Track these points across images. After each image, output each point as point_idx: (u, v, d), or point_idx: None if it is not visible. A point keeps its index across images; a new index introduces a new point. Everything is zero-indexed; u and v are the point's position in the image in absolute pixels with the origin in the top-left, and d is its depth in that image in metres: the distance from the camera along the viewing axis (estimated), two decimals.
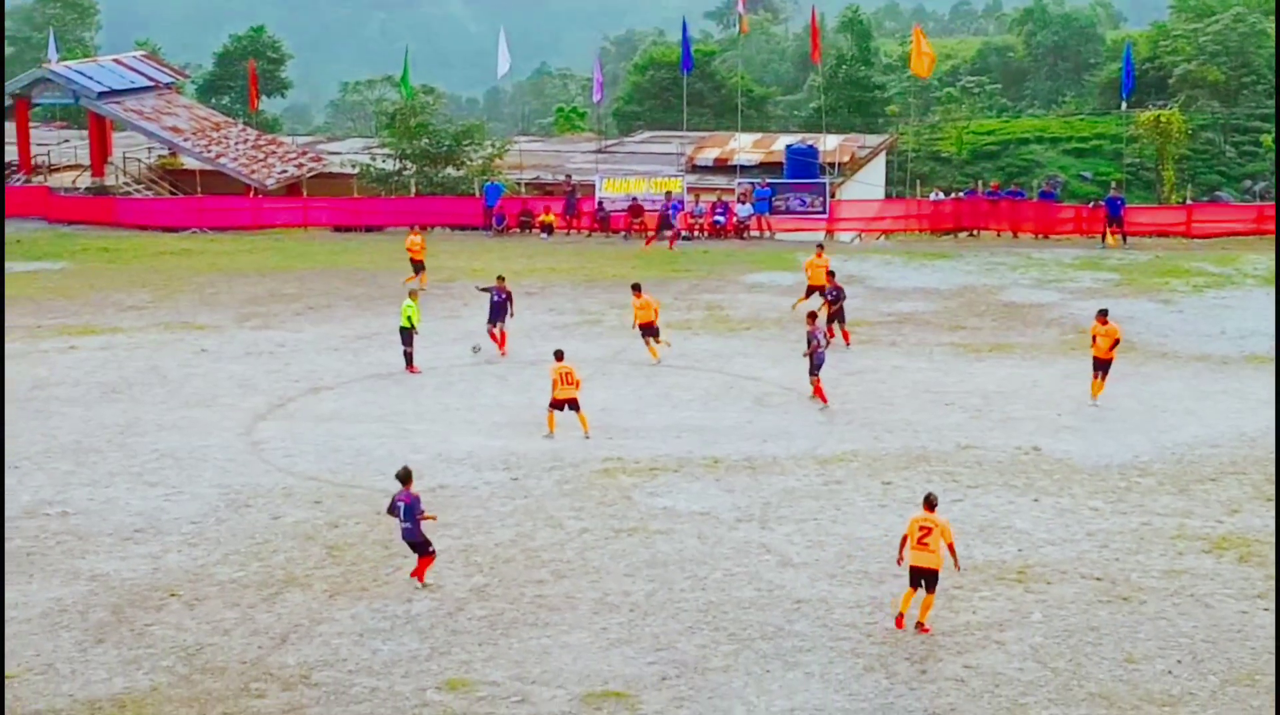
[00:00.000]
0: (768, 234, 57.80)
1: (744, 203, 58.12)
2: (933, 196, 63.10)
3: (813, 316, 32.56)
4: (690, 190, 59.84)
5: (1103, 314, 32.34)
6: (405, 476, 21.58)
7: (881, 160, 72.48)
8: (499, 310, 36.96)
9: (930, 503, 20.35)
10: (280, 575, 21.88)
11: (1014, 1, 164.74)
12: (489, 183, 61.25)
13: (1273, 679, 17.97)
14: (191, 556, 22.82)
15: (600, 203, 59.07)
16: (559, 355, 29.83)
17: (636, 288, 36.74)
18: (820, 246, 42.21)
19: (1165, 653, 18.80)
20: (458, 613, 20.31)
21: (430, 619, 20.12)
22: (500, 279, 37.74)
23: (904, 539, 20.27)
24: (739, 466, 27.03)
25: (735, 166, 62.97)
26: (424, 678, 18.58)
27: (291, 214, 60.84)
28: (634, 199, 58.25)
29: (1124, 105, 71.97)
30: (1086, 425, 29.69)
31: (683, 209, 57.67)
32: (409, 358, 35.11)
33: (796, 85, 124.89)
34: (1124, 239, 53.68)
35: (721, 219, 57.62)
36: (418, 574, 21.52)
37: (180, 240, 54.76)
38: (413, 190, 62.76)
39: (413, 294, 36.28)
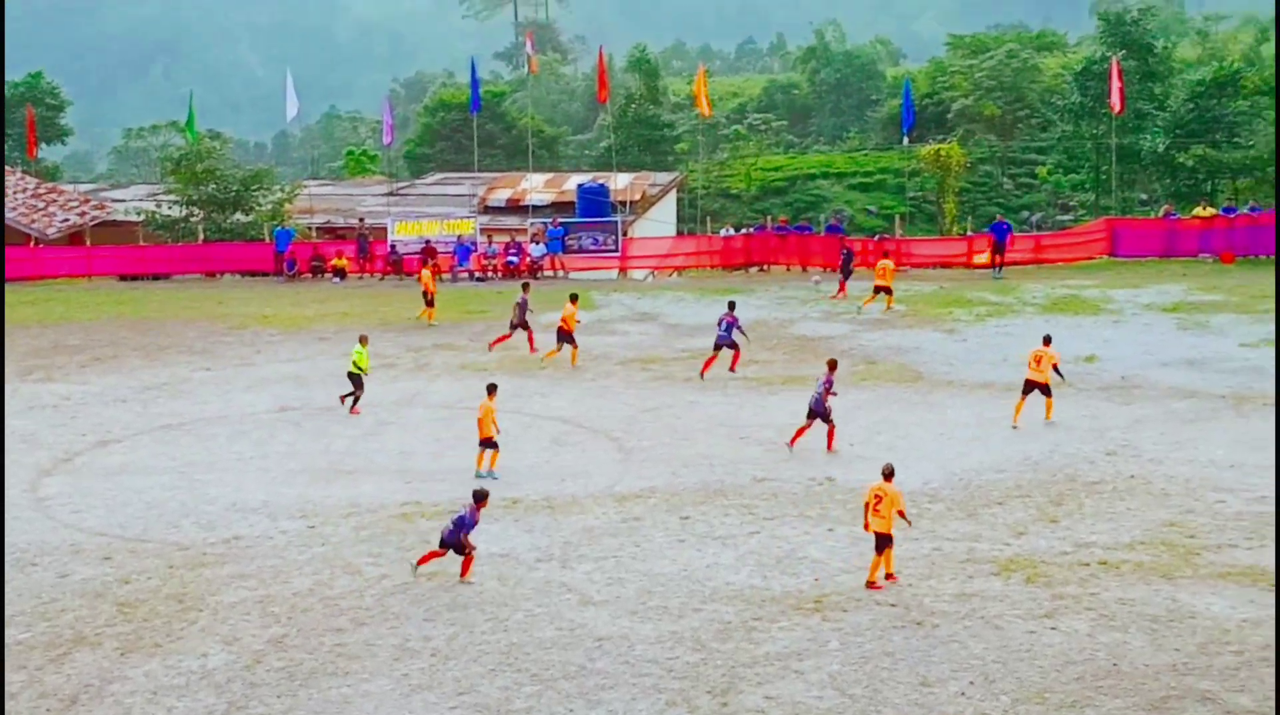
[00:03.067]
0: (561, 273, 58.08)
1: (537, 242, 58.38)
2: (723, 232, 64.00)
3: (833, 364, 31.94)
4: (483, 231, 59.92)
5: (1047, 340, 33.77)
6: (481, 496, 23.20)
7: (672, 197, 73.28)
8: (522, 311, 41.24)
9: (886, 473, 22.67)
10: (69, 635, 21.29)
11: (797, 40, 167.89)
12: (279, 228, 60.66)
13: (1062, 696, 18.48)
14: None
15: (393, 246, 58.83)
16: (491, 391, 29.56)
17: (574, 297, 40.37)
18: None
19: (958, 675, 19.20)
20: (255, 665, 19.97)
21: (226, 673, 19.75)
22: (526, 287, 43.08)
23: (865, 506, 22.68)
24: (538, 506, 27.03)
25: (527, 206, 63.25)
26: None
27: (74, 263, 59.60)
28: (427, 241, 58.09)
29: (905, 140, 73.75)
30: (878, 455, 30.17)
31: (475, 250, 57.70)
32: (355, 400, 34.78)
33: (587, 125, 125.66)
34: (1000, 268, 54.79)
35: (515, 259, 57.75)
36: (464, 572, 22.88)
37: None
38: (200, 237, 61.85)
39: (362, 339, 35.66)
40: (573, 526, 25.78)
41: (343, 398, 35.11)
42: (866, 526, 22.71)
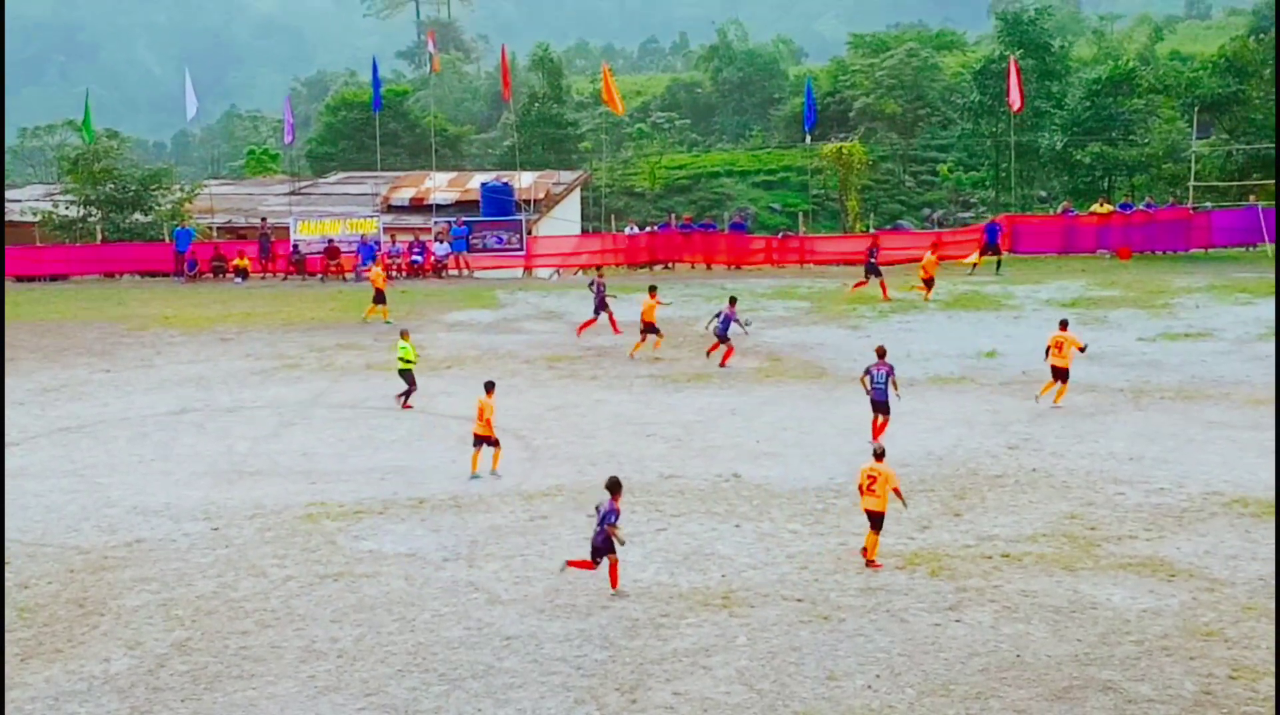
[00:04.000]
0: (466, 272, 57.93)
1: (441, 241, 58.15)
2: (628, 230, 64.08)
3: (881, 351, 31.56)
4: (386, 230, 59.61)
5: (1064, 324, 34.39)
6: (614, 486, 22.11)
7: (577, 196, 73.27)
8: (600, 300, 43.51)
9: (878, 454, 23.35)
10: None
11: (700, 38, 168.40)
12: (179, 228, 60.03)
13: (966, 688, 18.65)
14: None
15: (295, 245, 58.38)
16: (489, 388, 29.13)
17: (653, 289, 41.88)
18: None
19: (864, 668, 19.33)
20: (159, 669, 19.74)
21: (130, 678, 19.51)
22: (600, 272, 46.03)
23: (859, 487, 23.32)
24: (445, 506, 26.92)
25: (431, 205, 62.96)
26: None
27: None
28: (330, 241, 57.72)
29: (808, 138, 74.29)
30: (784, 451, 30.42)
31: (379, 250, 57.39)
32: (407, 395, 34.61)
33: (490, 123, 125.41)
34: (999, 266, 54.93)
35: (419, 258, 57.50)
36: (613, 580, 22.09)
37: None
38: (99, 237, 61.05)
39: (404, 333, 35.36)
40: (480, 525, 25.69)
41: (398, 397, 34.88)
42: (864, 507, 23.37)
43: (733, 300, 39.94)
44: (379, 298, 45.98)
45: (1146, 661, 19.32)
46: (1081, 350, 33.86)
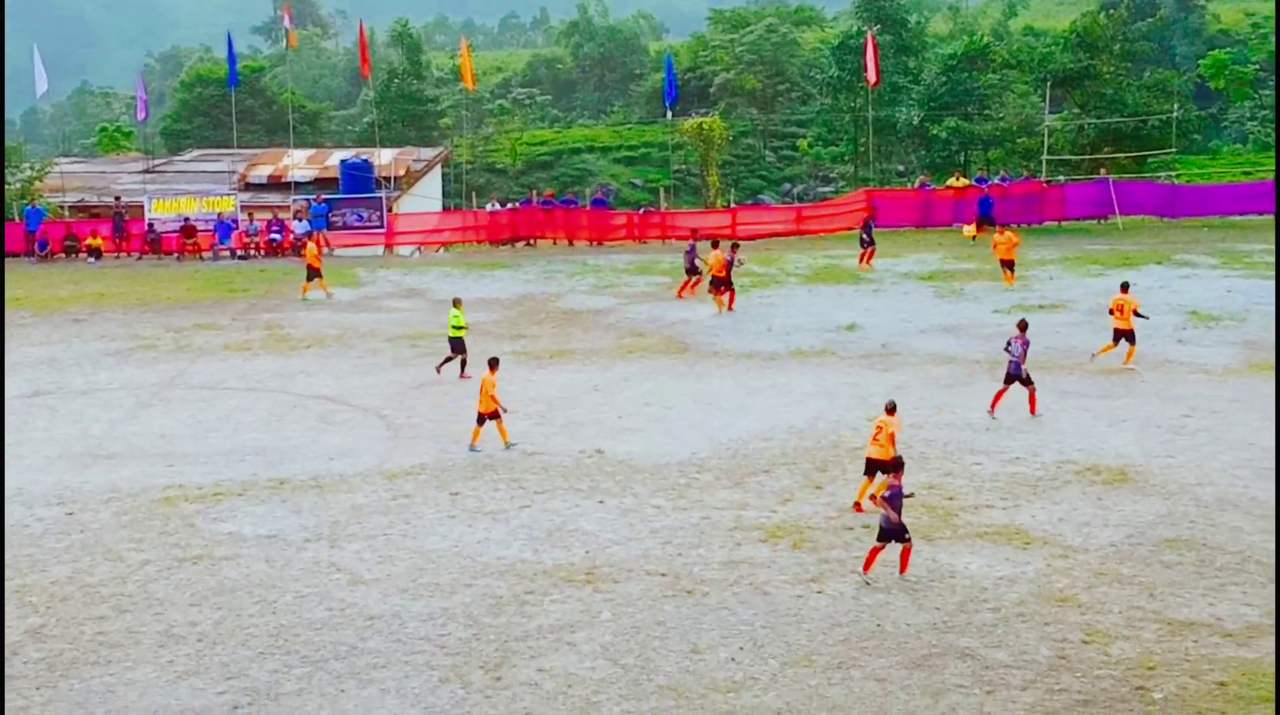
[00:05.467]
0: (326, 250, 57.30)
1: (300, 219, 57.46)
2: (489, 207, 63.80)
3: (1023, 325, 31.36)
4: (244, 208, 58.79)
5: (1125, 286, 35.07)
6: (898, 465, 22.00)
7: (437, 173, 72.78)
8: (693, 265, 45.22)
9: (889, 408, 24.72)
10: None
11: (560, 14, 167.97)
12: (29, 207, 58.72)
13: (828, 658, 18.87)
14: None
15: (150, 224, 57.42)
16: (493, 365, 29.06)
17: (714, 243, 43.66)
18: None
19: (728, 641, 19.47)
20: (12, 657, 19.34)
21: None
22: (694, 232, 48.44)
23: (873, 437, 24.64)
24: (306, 486, 26.67)
25: (290, 183, 62.18)
26: None
27: None
28: (186, 219, 56.84)
29: (669, 114, 74.46)
30: (646, 426, 30.50)
31: (237, 228, 56.66)
32: (463, 365, 34.75)
33: (350, 100, 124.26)
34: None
35: (278, 237, 56.83)
36: (903, 567, 21.59)
37: None
38: None
39: (456, 302, 35.48)
40: (341, 505, 25.50)
41: (439, 367, 35.10)
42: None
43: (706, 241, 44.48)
44: (313, 273, 45.76)
45: (1003, 628, 19.66)
46: (1138, 314, 34.53)
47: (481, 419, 28.81)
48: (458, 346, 35.05)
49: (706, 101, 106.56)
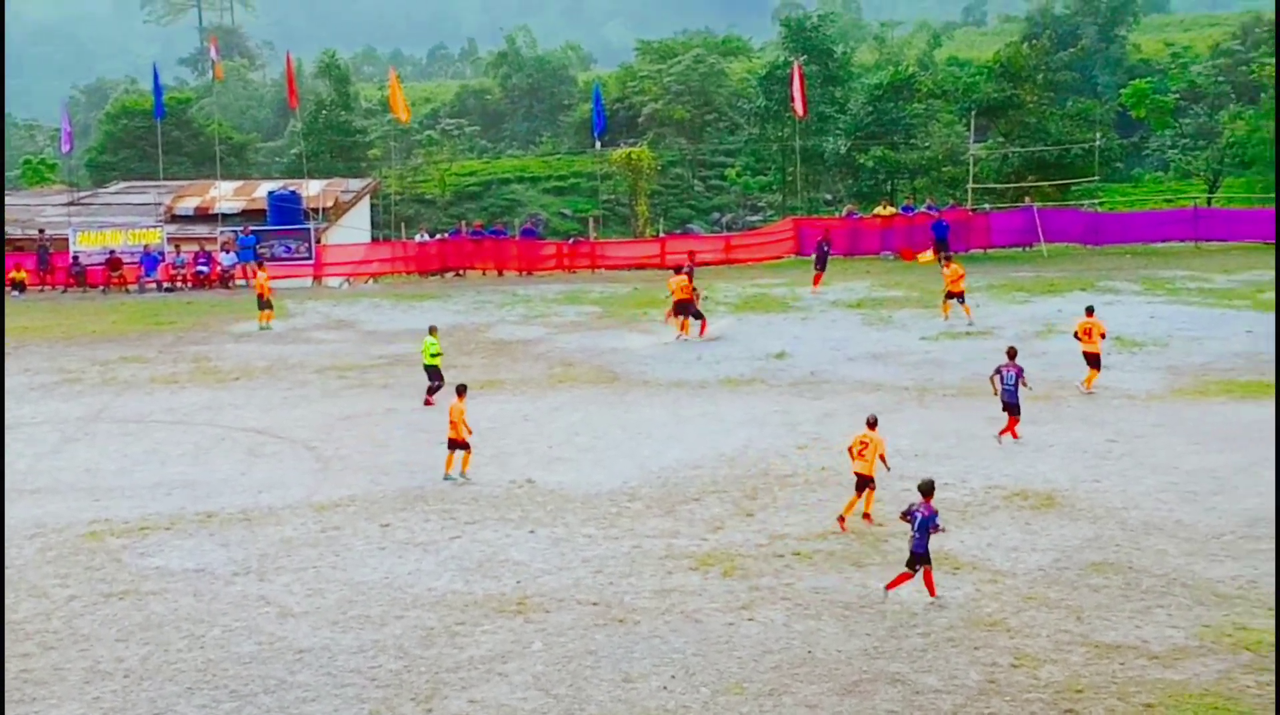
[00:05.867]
0: (254, 282, 56.99)
1: (228, 251, 57.16)
2: (418, 238, 63.66)
3: (1012, 352, 31.63)
4: (171, 240, 58.41)
5: (1090, 310, 35.52)
6: (928, 488, 22.10)
7: (366, 204, 72.55)
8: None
9: (870, 422, 25.76)
10: None
11: (488, 45, 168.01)
12: None
13: (760, 685, 18.90)
14: None
15: (75, 257, 56.93)
16: (460, 392, 29.14)
17: (677, 269, 44.29)
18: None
19: (660, 669, 19.47)
20: None
21: None
22: (690, 254, 50.04)
23: (850, 451, 25.59)
24: (234, 519, 26.47)
25: (217, 215, 61.78)
26: None
27: None
28: (111, 252, 56.40)
29: (597, 144, 74.52)
30: (577, 455, 30.50)
31: (163, 260, 56.30)
32: (429, 391, 35.17)
33: (277, 131, 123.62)
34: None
35: (205, 269, 56.48)
36: (929, 587, 21.72)
37: None
38: None
39: (432, 330, 36.05)
40: (270, 538, 25.33)
41: (428, 400, 35.31)
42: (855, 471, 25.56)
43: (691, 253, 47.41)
44: (264, 303, 45.91)
45: (933, 653, 19.78)
46: (1103, 336, 35.02)
47: (453, 446, 28.74)
48: (434, 373, 35.43)
49: (635, 131, 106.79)
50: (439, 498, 27.59)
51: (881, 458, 25.48)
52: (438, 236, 64.52)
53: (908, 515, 21.97)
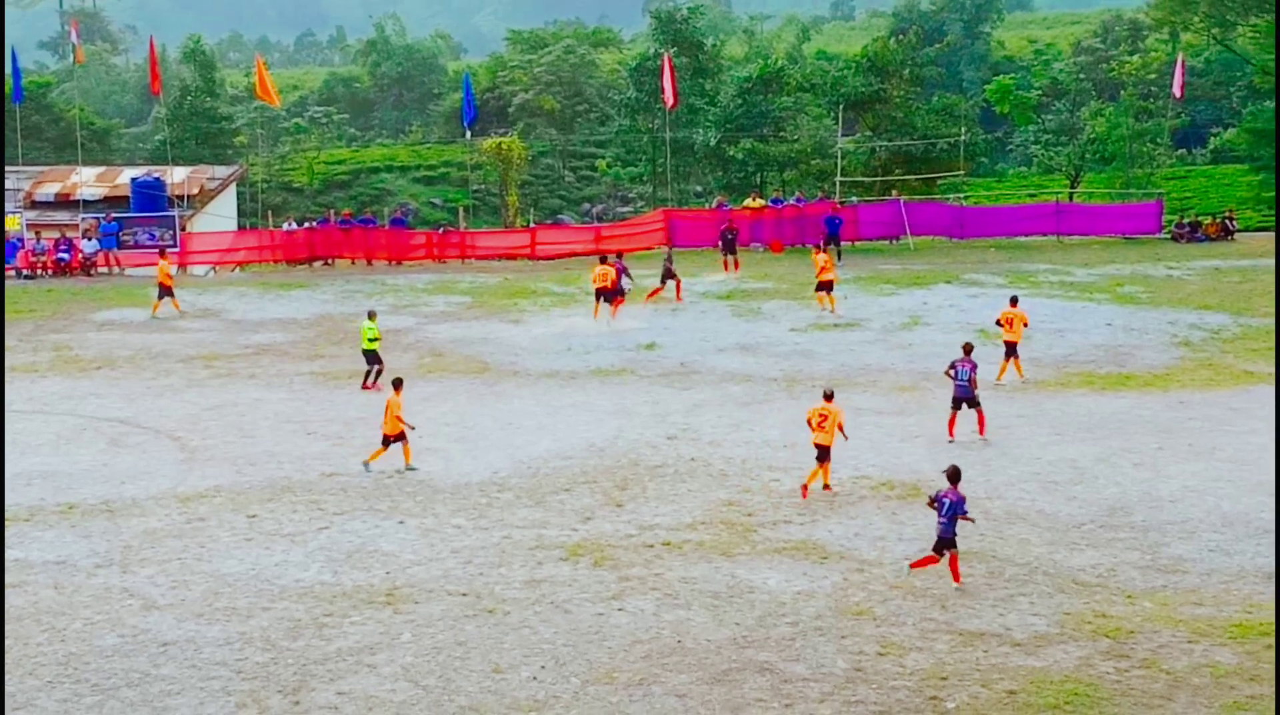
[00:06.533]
0: (117, 269, 56.07)
1: (90, 238, 56.14)
2: (286, 226, 62.96)
3: (968, 348, 31.57)
4: (31, 227, 57.26)
5: (1014, 300, 36.44)
6: (955, 475, 22.21)
7: (232, 192, 71.50)
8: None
9: (827, 396, 27.06)
10: None
11: (357, 33, 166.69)
12: None
13: (629, 675, 18.94)
14: None
15: None
16: (397, 385, 28.91)
17: (603, 258, 45.55)
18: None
19: (529, 660, 19.45)
20: None
21: None
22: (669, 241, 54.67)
23: (809, 422, 26.80)
24: (96, 511, 26.04)
25: (79, 201, 60.66)
26: None
27: None
28: None
29: (468, 134, 74.26)
30: (447, 446, 30.36)
31: (22, 247, 55.17)
32: (373, 376, 35.24)
33: (141, 117, 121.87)
34: (839, 256, 53.63)
35: (66, 256, 55.43)
36: (954, 574, 21.99)
37: None
38: None
39: (371, 315, 35.89)
40: (134, 530, 24.95)
41: (365, 385, 35.46)
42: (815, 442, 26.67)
43: (619, 253, 47.35)
44: (164, 291, 45.44)
45: (801, 642, 19.94)
46: (1025, 326, 35.84)
47: (386, 441, 28.55)
48: (372, 358, 35.50)
49: (505, 121, 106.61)
50: (306, 488, 27.34)
51: (840, 428, 26.60)
52: (306, 225, 63.83)
53: (935, 501, 22.20)
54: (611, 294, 43.61)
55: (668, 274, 47.42)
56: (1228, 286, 47.70)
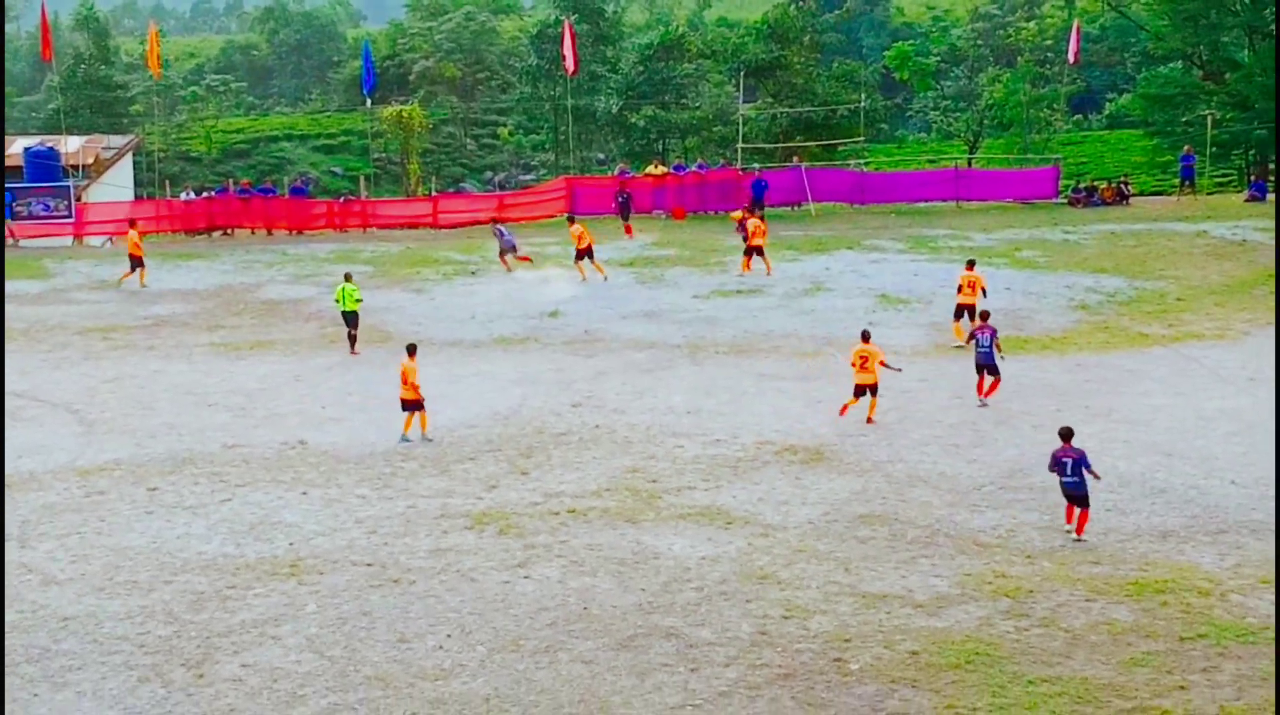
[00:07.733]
0: (11, 241, 55.21)
1: None
2: (184, 196, 62.29)
3: (985, 314, 32.37)
4: None
5: (970, 264, 37.02)
6: (1068, 434, 22.80)
7: (129, 161, 70.59)
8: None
9: (865, 337, 29.13)
10: None
11: (255, 0, 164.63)
12: None
13: (536, 642, 18.98)
14: None
15: None
16: (411, 351, 28.62)
17: (571, 218, 46.51)
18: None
19: (436, 629, 19.44)
20: None
21: None
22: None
23: (851, 365, 28.85)
24: None
25: None
26: None
27: None
28: None
29: (368, 102, 73.78)
30: (350, 416, 30.22)
31: None
32: (353, 340, 35.31)
33: (34, 86, 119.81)
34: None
35: None
36: (1079, 529, 22.50)
37: None
38: None
39: (348, 276, 35.73)
40: (31, 504, 24.64)
41: (353, 350, 35.82)
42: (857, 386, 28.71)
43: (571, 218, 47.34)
44: (135, 262, 44.91)
45: (706, 607, 20.06)
46: (984, 291, 36.20)
47: (406, 406, 28.24)
48: (353, 320, 35.67)
49: (406, 89, 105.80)
50: (208, 460, 27.12)
51: (883, 363, 28.79)
52: (204, 195, 63.13)
53: (1055, 464, 22.79)
54: (582, 253, 44.14)
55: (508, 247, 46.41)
56: (1123, 250, 48.29)
